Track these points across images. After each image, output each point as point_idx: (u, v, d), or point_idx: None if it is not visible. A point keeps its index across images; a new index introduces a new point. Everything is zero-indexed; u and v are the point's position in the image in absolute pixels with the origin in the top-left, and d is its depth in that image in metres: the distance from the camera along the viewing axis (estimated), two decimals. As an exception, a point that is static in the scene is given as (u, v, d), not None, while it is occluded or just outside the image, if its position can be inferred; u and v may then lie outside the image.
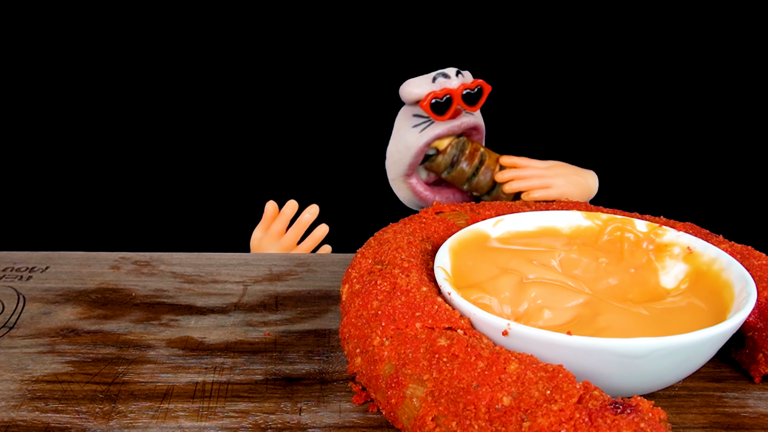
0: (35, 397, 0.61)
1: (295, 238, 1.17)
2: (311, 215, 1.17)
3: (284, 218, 1.17)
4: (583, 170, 1.32)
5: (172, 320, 0.74)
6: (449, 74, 1.18)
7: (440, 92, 1.15)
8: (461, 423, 0.49)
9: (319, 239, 1.18)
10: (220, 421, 0.58)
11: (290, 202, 1.17)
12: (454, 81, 1.18)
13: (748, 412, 0.60)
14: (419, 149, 1.21)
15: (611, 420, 0.45)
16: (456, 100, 1.17)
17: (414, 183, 1.25)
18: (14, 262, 0.86)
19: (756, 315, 0.62)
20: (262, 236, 1.19)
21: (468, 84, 1.19)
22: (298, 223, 1.17)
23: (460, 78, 1.18)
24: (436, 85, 1.17)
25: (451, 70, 1.18)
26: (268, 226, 1.19)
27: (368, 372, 0.56)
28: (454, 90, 1.17)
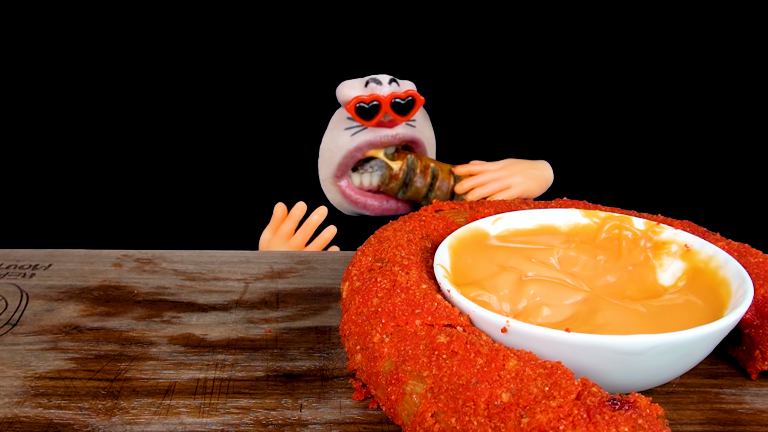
0: (38, 394, 0.61)
1: (303, 240, 1.17)
2: (320, 216, 1.16)
3: (293, 220, 1.17)
4: (536, 162, 1.32)
5: (174, 317, 0.74)
6: (381, 81, 1.17)
7: (367, 98, 1.15)
8: (460, 419, 0.49)
9: (328, 240, 1.17)
10: (221, 417, 0.58)
11: (299, 204, 1.17)
12: (386, 88, 1.17)
13: (744, 408, 0.60)
14: (349, 152, 1.20)
15: (609, 416, 0.45)
16: (384, 108, 1.16)
17: (344, 186, 1.24)
18: (17, 260, 0.86)
19: (753, 312, 0.62)
20: (271, 237, 1.19)
21: (399, 93, 1.17)
22: (307, 224, 1.17)
23: (393, 86, 1.17)
24: (367, 90, 1.17)
25: (385, 77, 1.18)
26: (277, 227, 1.19)
27: (368, 369, 0.56)
28: (382, 97, 1.16)
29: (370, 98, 1.14)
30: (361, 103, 1.14)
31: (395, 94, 1.16)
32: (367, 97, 1.15)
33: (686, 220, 0.76)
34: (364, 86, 1.17)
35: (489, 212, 0.77)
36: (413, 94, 1.17)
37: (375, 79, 1.17)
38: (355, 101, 1.14)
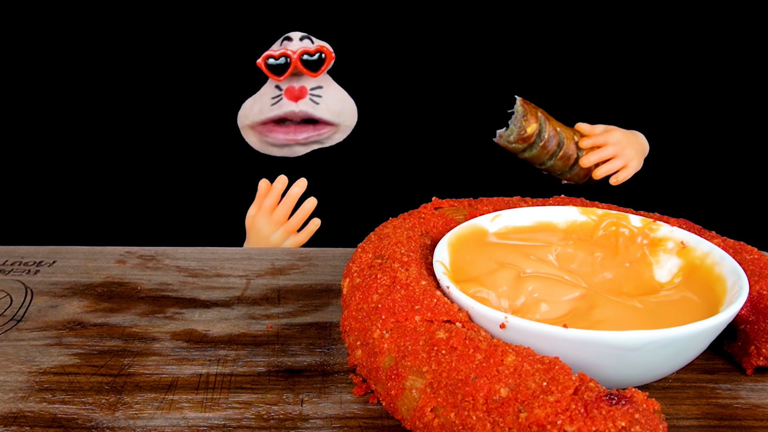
0: (42, 389, 0.61)
1: (285, 213, 1.17)
2: (300, 188, 1.17)
3: (275, 193, 1.18)
4: (634, 133, 1.35)
5: (177, 313, 0.74)
6: (293, 37, 1.19)
7: (277, 53, 1.16)
8: (459, 414, 0.49)
9: (309, 212, 1.18)
10: (223, 412, 0.58)
11: (280, 177, 1.18)
12: (296, 44, 1.18)
13: (740, 403, 0.60)
14: (268, 118, 1.23)
15: (606, 411, 0.45)
16: (294, 63, 1.17)
17: (260, 128, 1.26)
18: (22, 257, 0.86)
19: (748, 308, 0.62)
20: (255, 213, 1.20)
21: (309, 49, 1.19)
22: (288, 197, 1.17)
23: (305, 42, 1.19)
24: (279, 47, 1.18)
25: (297, 34, 1.20)
26: (261, 203, 1.19)
27: (368, 364, 0.56)
28: (292, 52, 1.17)
29: (280, 54, 1.16)
30: (272, 58, 1.16)
31: (305, 50, 1.18)
32: (277, 52, 1.16)
33: (682, 218, 0.76)
34: (279, 44, 1.19)
35: (488, 209, 0.77)
36: (323, 49, 1.19)
37: (288, 37, 1.19)
38: (265, 57, 1.16)
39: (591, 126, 1.29)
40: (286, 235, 1.18)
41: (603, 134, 1.29)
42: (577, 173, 1.29)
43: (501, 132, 1.22)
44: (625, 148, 1.30)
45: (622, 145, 1.29)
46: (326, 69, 1.22)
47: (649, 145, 1.36)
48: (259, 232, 1.19)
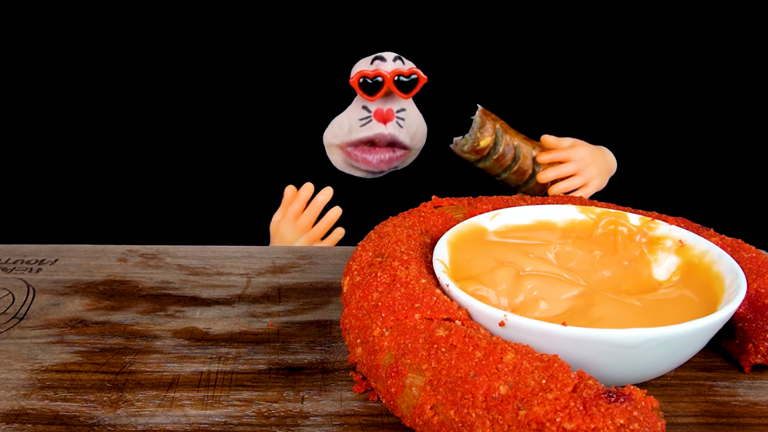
0: (44, 386, 0.61)
1: (310, 220, 1.17)
2: (325, 197, 1.17)
3: (301, 200, 1.18)
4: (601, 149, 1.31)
5: (178, 311, 0.74)
6: (386, 58, 1.18)
7: (371, 73, 1.15)
8: (459, 411, 0.49)
9: (333, 221, 1.18)
10: (224, 409, 0.58)
11: (306, 184, 1.18)
12: (390, 65, 1.17)
13: (738, 400, 0.60)
14: (356, 140, 1.22)
15: (605, 408, 0.45)
16: (387, 84, 1.16)
17: (350, 150, 1.25)
18: (24, 255, 0.86)
19: (746, 306, 0.62)
20: (280, 219, 1.19)
21: (403, 70, 1.18)
22: (313, 205, 1.17)
23: (397, 63, 1.18)
24: (372, 66, 1.17)
25: (390, 54, 1.18)
26: (287, 209, 1.19)
27: (369, 362, 0.56)
28: (386, 73, 1.16)
29: (374, 73, 1.15)
30: (365, 77, 1.14)
31: (399, 71, 1.17)
32: (371, 72, 1.15)
33: (680, 217, 0.76)
34: (370, 63, 1.18)
35: (487, 208, 0.77)
36: (416, 72, 1.18)
37: (380, 56, 1.18)
38: (359, 76, 1.15)
39: (557, 139, 1.25)
40: (310, 242, 1.18)
41: (567, 149, 1.25)
42: (533, 188, 1.26)
43: (457, 140, 1.20)
44: (588, 166, 1.26)
45: (585, 163, 1.25)
46: (417, 91, 1.21)
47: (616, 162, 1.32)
48: (283, 238, 1.18)
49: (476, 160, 1.21)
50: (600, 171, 1.27)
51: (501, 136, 1.19)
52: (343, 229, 1.20)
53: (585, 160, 1.25)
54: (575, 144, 1.27)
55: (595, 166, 1.26)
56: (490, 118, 1.18)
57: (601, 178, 1.27)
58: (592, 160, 1.26)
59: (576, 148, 1.26)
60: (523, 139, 1.23)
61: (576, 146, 1.26)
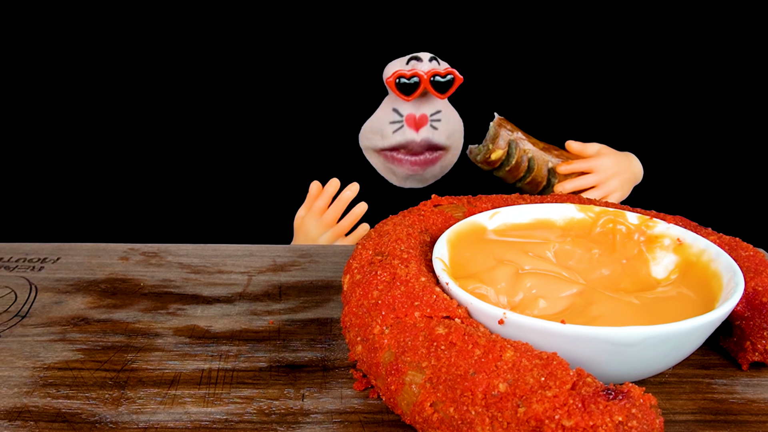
0: (47, 384, 0.61)
1: (336, 215, 1.17)
2: (352, 192, 1.16)
3: (326, 196, 1.17)
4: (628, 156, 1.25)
5: (179, 309, 0.74)
6: (422, 58, 1.17)
7: (408, 73, 1.15)
8: (459, 409, 0.49)
9: (359, 216, 1.17)
10: (225, 407, 0.58)
11: (332, 180, 1.17)
12: (426, 65, 1.17)
13: (736, 398, 0.60)
14: (390, 146, 1.20)
15: (604, 406, 0.45)
16: (423, 84, 1.16)
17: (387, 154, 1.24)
18: (26, 253, 0.86)
19: (743, 304, 0.62)
20: (305, 214, 1.19)
21: (439, 71, 1.17)
22: (339, 200, 1.16)
23: (433, 63, 1.17)
24: (408, 66, 1.17)
25: (426, 54, 1.17)
26: (311, 204, 1.18)
27: (369, 359, 0.56)
28: (422, 73, 1.16)
29: (411, 74, 1.14)
30: (402, 77, 1.14)
31: (435, 71, 1.16)
32: (407, 72, 1.15)
33: (678, 215, 0.76)
34: (405, 63, 1.17)
35: (486, 207, 0.77)
36: (453, 72, 1.17)
37: (416, 57, 1.17)
38: (395, 75, 1.15)
39: (582, 146, 1.20)
40: (335, 238, 1.17)
41: (590, 159, 1.20)
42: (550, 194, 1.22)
43: (471, 148, 1.19)
44: (611, 178, 1.20)
45: (607, 174, 1.20)
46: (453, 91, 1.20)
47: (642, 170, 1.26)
48: (307, 234, 1.18)
49: (489, 170, 1.20)
50: (623, 183, 1.22)
51: (515, 148, 1.16)
52: (368, 225, 1.19)
53: (608, 171, 1.20)
54: (600, 153, 1.21)
55: (618, 178, 1.21)
56: (505, 129, 1.16)
57: (622, 190, 1.22)
58: (615, 171, 1.20)
59: (600, 157, 1.19)
60: (542, 148, 1.19)
61: (600, 156, 1.20)
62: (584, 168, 1.19)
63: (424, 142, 1.20)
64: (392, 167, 1.23)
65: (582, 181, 1.18)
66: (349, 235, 1.19)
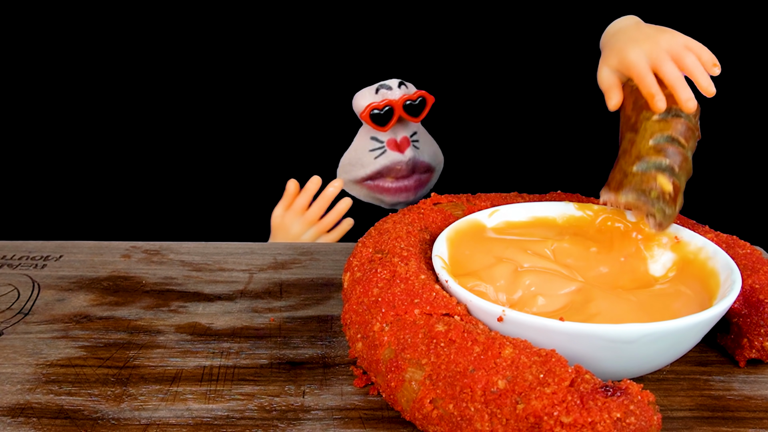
0: (49, 381, 0.61)
1: (319, 212, 1.16)
2: (335, 189, 1.15)
3: (308, 193, 1.16)
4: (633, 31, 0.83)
5: (181, 307, 0.74)
6: (391, 85, 1.14)
7: (380, 103, 1.13)
8: (458, 405, 0.49)
9: (343, 212, 1.16)
10: (226, 403, 0.58)
11: (314, 177, 1.15)
12: (396, 92, 1.15)
13: (733, 394, 0.60)
14: (374, 172, 1.18)
15: (602, 402, 0.45)
16: (397, 111, 1.14)
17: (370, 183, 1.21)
18: (29, 251, 0.86)
19: (741, 302, 0.62)
20: (284, 213, 1.18)
21: (410, 95, 1.16)
22: (323, 197, 1.15)
23: (402, 89, 1.15)
24: (378, 96, 1.15)
25: (394, 81, 1.15)
26: (290, 203, 1.17)
27: (369, 356, 0.56)
28: (395, 101, 1.14)
29: (383, 104, 1.13)
30: (375, 109, 1.12)
31: (406, 97, 1.15)
32: (380, 103, 1.13)
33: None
34: (374, 93, 1.16)
35: (486, 205, 0.77)
36: (424, 95, 1.16)
37: (384, 85, 1.15)
38: (369, 108, 1.13)
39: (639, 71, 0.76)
40: (318, 235, 1.16)
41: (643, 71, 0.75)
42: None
43: (651, 223, 0.72)
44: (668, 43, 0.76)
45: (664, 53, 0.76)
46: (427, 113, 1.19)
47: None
48: (288, 231, 1.16)
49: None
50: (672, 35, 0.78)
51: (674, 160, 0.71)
52: (352, 220, 1.18)
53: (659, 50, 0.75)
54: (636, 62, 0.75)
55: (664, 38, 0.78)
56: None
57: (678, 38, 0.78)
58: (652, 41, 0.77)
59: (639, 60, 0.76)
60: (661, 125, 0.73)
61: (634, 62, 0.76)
62: (649, 84, 0.74)
63: (411, 162, 1.18)
64: (379, 197, 1.21)
65: (679, 84, 0.73)
66: (333, 230, 1.18)
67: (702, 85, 0.72)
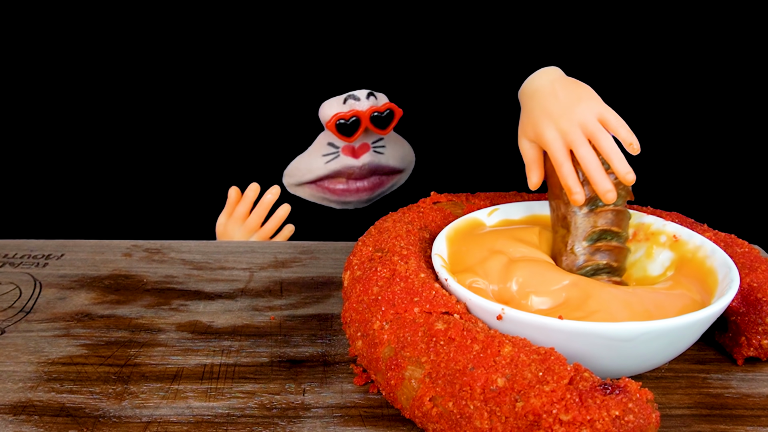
0: (51, 379, 0.61)
1: (258, 220, 1.15)
2: (273, 196, 1.14)
3: (247, 201, 1.15)
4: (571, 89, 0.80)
5: (182, 305, 0.74)
6: (359, 96, 1.13)
7: (347, 114, 1.12)
8: (457, 403, 0.49)
9: (282, 219, 1.15)
10: (227, 401, 0.58)
11: (252, 185, 1.14)
12: (364, 103, 1.13)
13: (731, 392, 0.60)
14: (321, 175, 1.17)
15: (601, 400, 0.45)
16: (364, 123, 1.13)
17: (323, 184, 1.19)
18: (31, 250, 0.86)
19: (739, 300, 0.62)
20: (226, 221, 1.17)
21: (378, 107, 1.14)
22: (261, 205, 1.14)
23: (371, 100, 1.14)
24: (346, 106, 1.14)
25: (363, 92, 1.13)
26: (232, 211, 1.17)
27: (369, 354, 0.56)
28: (362, 112, 1.13)
29: (350, 114, 1.12)
30: (341, 119, 1.11)
31: (374, 108, 1.14)
32: (346, 113, 1.12)
33: (674, 212, 0.76)
34: (342, 103, 1.15)
35: (485, 204, 0.77)
36: (392, 107, 1.15)
37: (353, 95, 1.13)
38: (335, 118, 1.12)
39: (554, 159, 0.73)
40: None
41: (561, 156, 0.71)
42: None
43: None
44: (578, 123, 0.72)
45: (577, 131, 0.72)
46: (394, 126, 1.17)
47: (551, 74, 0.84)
48: (231, 239, 1.16)
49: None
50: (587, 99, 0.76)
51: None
52: (293, 227, 1.17)
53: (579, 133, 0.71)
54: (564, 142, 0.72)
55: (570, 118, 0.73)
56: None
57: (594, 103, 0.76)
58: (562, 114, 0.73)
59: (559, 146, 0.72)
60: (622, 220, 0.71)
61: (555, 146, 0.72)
62: (567, 172, 0.71)
63: (366, 167, 1.16)
64: (325, 196, 1.20)
65: (597, 174, 0.69)
66: (275, 237, 1.17)
67: (620, 173, 0.67)
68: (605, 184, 0.66)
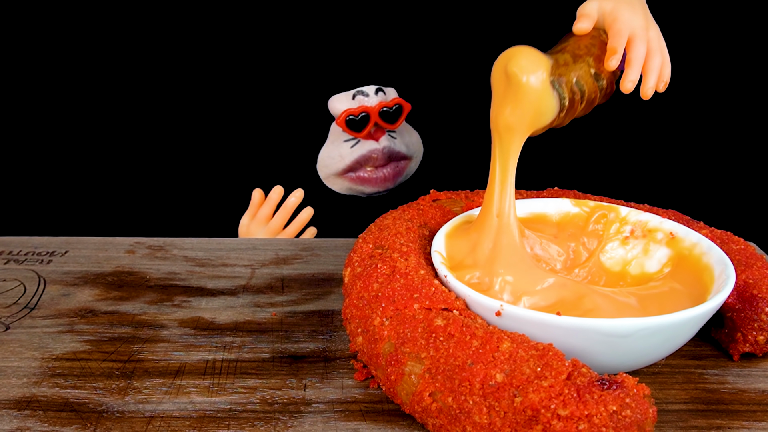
0: (55, 374, 0.61)
1: (281, 222, 1.16)
2: (297, 199, 1.15)
3: (271, 203, 1.16)
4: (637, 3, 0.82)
5: (185, 301, 0.74)
6: (368, 92, 1.13)
7: (356, 110, 1.12)
8: (457, 398, 0.49)
9: (305, 222, 1.16)
10: (229, 396, 0.58)
11: (276, 187, 1.15)
12: (373, 99, 1.14)
13: (727, 388, 0.60)
14: (353, 161, 1.17)
15: (598, 395, 0.45)
16: (373, 118, 1.14)
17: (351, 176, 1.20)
18: (35, 247, 0.86)
19: (734, 296, 0.62)
20: (249, 222, 1.18)
21: (386, 102, 1.15)
22: (284, 207, 1.15)
23: (380, 96, 1.14)
24: (355, 102, 1.14)
25: (372, 87, 1.14)
26: (255, 212, 1.17)
27: (369, 350, 0.56)
28: (371, 108, 1.13)
29: (359, 110, 1.12)
30: (351, 115, 1.12)
31: (383, 104, 1.14)
32: (356, 109, 1.12)
33: (671, 210, 0.76)
34: (351, 99, 1.15)
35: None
36: (400, 102, 1.15)
37: (361, 91, 1.14)
38: (345, 114, 1.12)
39: (590, 19, 0.77)
40: None
41: (617, 30, 0.74)
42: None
43: None
44: (651, 33, 0.78)
45: (642, 32, 0.77)
46: (403, 120, 1.18)
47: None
48: None
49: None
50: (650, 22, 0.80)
51: (560, 88, 0.73)
52: (315, 229, 1.18)
53: (638, 26, 0.76)
54: (615, 16, 0.76)
55: (654, 29, 0.79)
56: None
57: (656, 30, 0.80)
58: (641, 19, 0.78)
59: (620, 20, 0.75)
60: (576, 60, 0.74)
61: (618, 18, 0.76)
62: (620, 43, 0.75)
63: (386, 151, 1.17)
64: (360, 188, 1.20)
65: (637, 67, 0.74)
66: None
67: (647, 85, 0.72)
68: (634, 74, 0.71)
